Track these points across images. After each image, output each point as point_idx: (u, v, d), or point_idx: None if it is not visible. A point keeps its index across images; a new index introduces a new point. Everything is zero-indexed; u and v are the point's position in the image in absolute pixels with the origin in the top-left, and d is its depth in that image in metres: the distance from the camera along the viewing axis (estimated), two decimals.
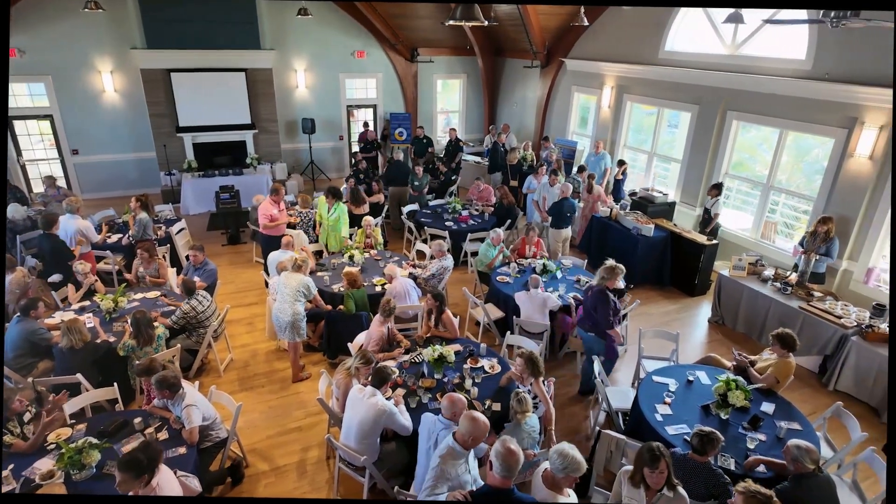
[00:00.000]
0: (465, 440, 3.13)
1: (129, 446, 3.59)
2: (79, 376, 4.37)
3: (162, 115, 10.81)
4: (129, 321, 4.91)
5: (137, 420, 3.89)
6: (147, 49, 10.31)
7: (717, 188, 7.87)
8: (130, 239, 7.11)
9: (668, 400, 4.28)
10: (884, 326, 5.48)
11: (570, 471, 2.93)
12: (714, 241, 7.59)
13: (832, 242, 6.32)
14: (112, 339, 5.01)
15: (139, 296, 5.93)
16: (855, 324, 5.59)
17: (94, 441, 3.51)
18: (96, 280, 6.02)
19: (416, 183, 9.45)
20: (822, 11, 4.32)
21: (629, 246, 7.78)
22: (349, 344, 5.06)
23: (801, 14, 6.28)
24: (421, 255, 7.62)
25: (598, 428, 4.48)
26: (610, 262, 5.15)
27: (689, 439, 3.52)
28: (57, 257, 6.21)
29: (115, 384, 4.35)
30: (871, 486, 4.02)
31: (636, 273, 7.53)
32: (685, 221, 8.72)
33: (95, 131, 10.71)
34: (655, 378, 4.58)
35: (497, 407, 4.20)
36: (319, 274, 6.43)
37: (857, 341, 5.45)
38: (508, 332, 5.51)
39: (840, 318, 5.70)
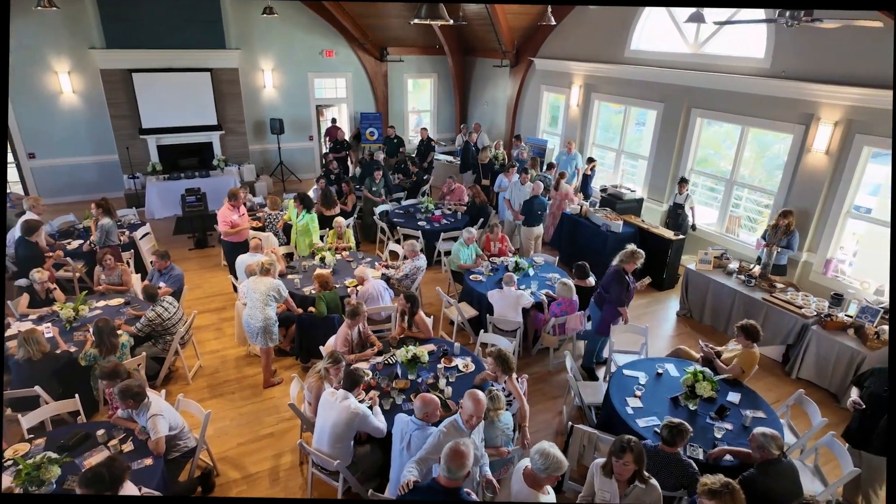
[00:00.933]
0: (467, 419, 3.24)
1: (91, 460, 3.47)
2: (37, 389, 4.20)
3: (124, 117, 10.49)
4: (90, 330, 4.75)
5: (100, 432, 3.75)
6: (106, 49, 9.98)
7: (685, 182, 8.05)
8: (93, 245, 6.88)
9: (638, 393, 4.36)
10: (842, 315, 5.70)
11: (552, 470, 2.96)
12: (681, 236, 7.76)
13: (793, 235, 6.53)
14: (73, 349, 4.83)
15: (101, 303, 5.74)
16: (815, 313, 5.79)
17: (54, 456, 3.38)
18: (55, 288, 5.81)
19: (374, 189, 9.23)
20: (777, 11, 4.45)
21: (599, 242, 7.90)
22: (321, 347, 5.00)
23: (759, 13, 6.47)
24: (394, 255, 7.58)
25: (570, 423, 4.53)
26: (631, 246, 5.50)
27: (659, 431, 3.59)
28: (33, 264, 6.04)
29: (77, 395, 4.18)
30: (832, 469, 4.16)
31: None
32: (653, 217, 8.89)
33: (53, 134, 10.32)
34: (626, 372, 4.66)
35: None
36: (290, 276, 6.34)
37: (817, 330, 5.65)
38: (482, 331, 5.53)
39: (801, 308, 5.90)
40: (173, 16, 10.26)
